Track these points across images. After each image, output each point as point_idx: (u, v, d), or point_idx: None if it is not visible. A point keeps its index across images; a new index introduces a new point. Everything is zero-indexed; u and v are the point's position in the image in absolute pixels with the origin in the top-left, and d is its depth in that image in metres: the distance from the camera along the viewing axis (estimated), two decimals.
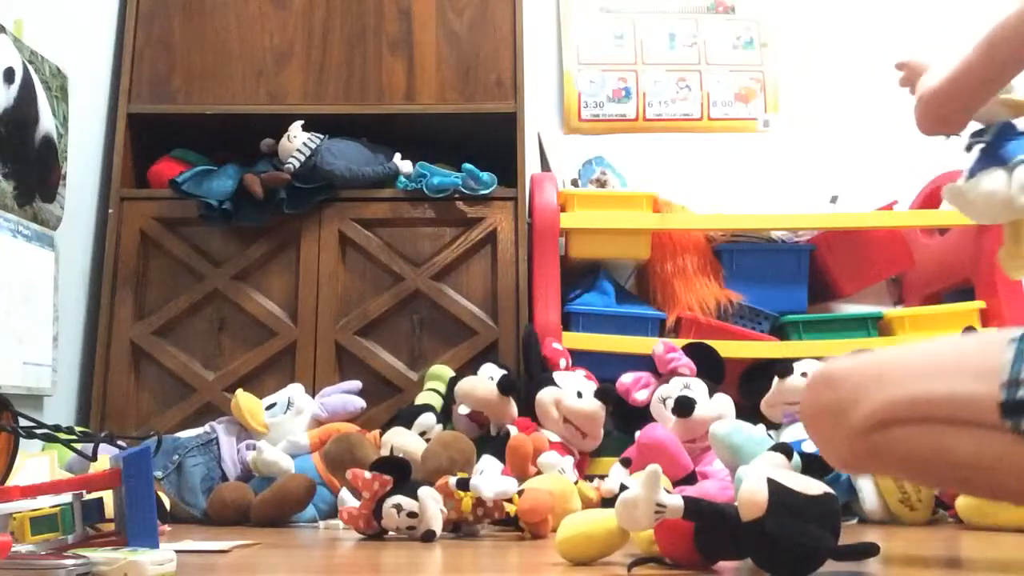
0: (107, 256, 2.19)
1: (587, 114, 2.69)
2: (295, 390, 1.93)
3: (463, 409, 1.94)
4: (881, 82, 2.70)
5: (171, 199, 2.22)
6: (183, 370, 2.15)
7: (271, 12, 2.35)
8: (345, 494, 1.63)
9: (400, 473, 1.37)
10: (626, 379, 1.99)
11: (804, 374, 1.93)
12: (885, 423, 0.98)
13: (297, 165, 2.18)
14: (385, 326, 2.19)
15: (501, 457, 1.74)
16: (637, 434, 1.83)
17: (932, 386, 0.97)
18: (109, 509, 1.01)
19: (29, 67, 1.94)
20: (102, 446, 1.10)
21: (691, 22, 2.76)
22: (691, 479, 1.78)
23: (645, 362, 2.03)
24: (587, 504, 1.59)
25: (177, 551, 0.93)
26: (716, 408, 1.89)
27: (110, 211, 2.21)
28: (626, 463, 1.69)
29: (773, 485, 0.91)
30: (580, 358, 2.06)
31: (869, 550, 0.90)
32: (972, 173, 1.28)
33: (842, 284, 2.37)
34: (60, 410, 2.05)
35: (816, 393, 1.07)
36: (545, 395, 1.91)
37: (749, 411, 1.95)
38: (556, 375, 1.96)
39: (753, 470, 0.99)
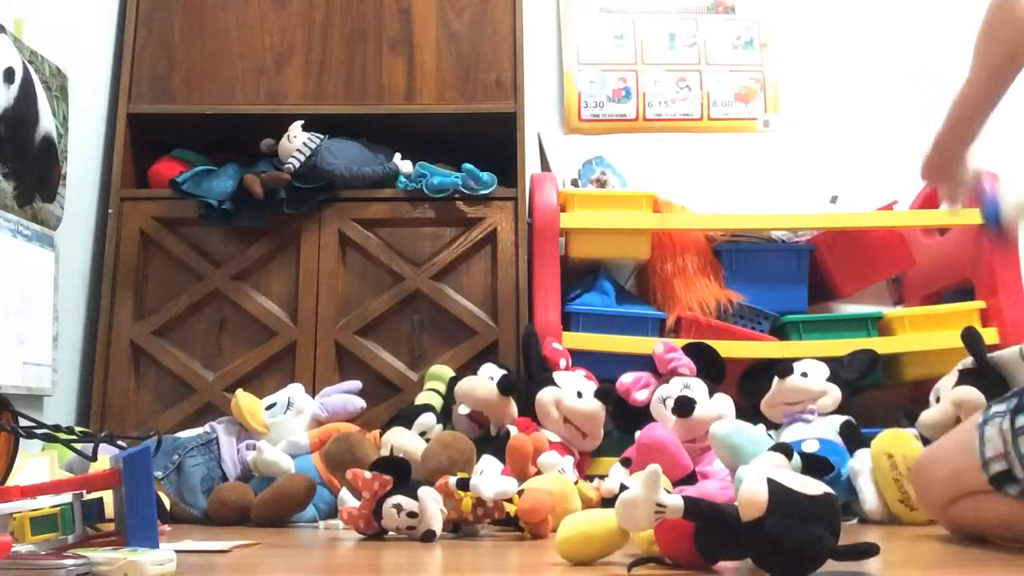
0: (107, 256, 2.19)
1: (587, 114, 2.69)
2: (295, 390, 1.92)
3: (463, 409, 1.94)
4: (881, 82, 2.71)
5: (171, 199, 2.22)
6: (183, 370, 2.15)
7: (271, 12, 2.35)
8: (345, 494, 1.63)
9: (400, 473, 1.37)
10: (626, 379, 1.98)
11: (804, 374, 1.92)
12: (951, 499, 1.24)
13: (297, 165, 2.18)
14: (385, 326, 2.19)
15: (501, 457, 1.74)
16: (637, 434, 1.83)
17: (959, 464, 1.22)
18: (109, 509, 1.01)
19: (29, 67, 1.94)
20: (102, 446, 1.10)
21: (691, 22, 2.76)
22: (691, 479, 1.78)
23: (645, 362, 2.03)
24: (587, 504, 1.59)
25: (177, 551, 0.93)
26: (716, 408, 1.89)
27: (110, 211, 2.21)
28: (626, 463, 1.69)
29: (773, 485, 0.91)
30: (580, 358, 2.06)
31: (869, 550, 0.90)
32: None
33: (842, 284, 2.37)
34: (60, 410, 2.05)
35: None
36: (545, 395, 1.91)
37: (749, 411, 1.95)
38: (556, 375, 1.96)
39: (753, 470, 1.00)
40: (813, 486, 0.94)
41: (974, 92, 1.34)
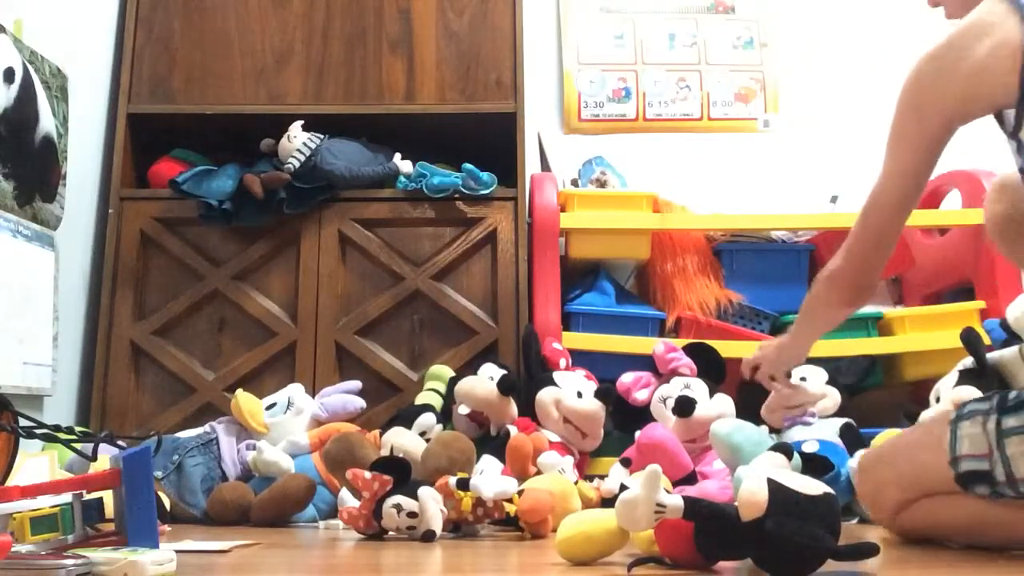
0: (107, 256, 2.19)
1: (587, 114, 2.69)
2: (295, 390, 1.93)
3: (463, 409, 1.94)
4: (881, 82, 2.71)
5: (171, 199, 2.22)
6: (183, 370, 2.15)
7: (271, 12, 2.35)
8: (345, 494, 1.63)
9: (400, 473, 1.37)
10: (626, 379, 1.99)
11: (803, 378, 1.92)
12: (904, 501, 1.21)
13: (297, 165, 2.18)
14: (385, 326, 2.19)
15: (501, 457, 1.74)
16: (637, 434, 1.83)
17: (920, 461, 1.19)
18: (109, 509, 1.01)
19: (29, 67, 1.94)
20: (102, 446, 1.10)
21: (691, 22, 2.76)
22: (691, 479, 1.78)
23: (645, 362, 2.03)
24: (587, 504, 1.59)
25: (177, 551, 0.93)
26: (716, 408, 1.89)
27: (110, 211, 2.21)
28: (626, 463, 1.69)
29: (773, 485, 0.91)
30: (580, 358, 2.06)
31: (869, 550, 0.90)
32: None
33: None
34: (60, 410, 2.05)
35: (857, 482, 1.35)
36: (545, 395, 1.91)
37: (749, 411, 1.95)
38: (556, 375, 1.96)
39: (753, 470, 1.00)
40: (813, 486, 0.94)
41: (901, 183, 1.23)
